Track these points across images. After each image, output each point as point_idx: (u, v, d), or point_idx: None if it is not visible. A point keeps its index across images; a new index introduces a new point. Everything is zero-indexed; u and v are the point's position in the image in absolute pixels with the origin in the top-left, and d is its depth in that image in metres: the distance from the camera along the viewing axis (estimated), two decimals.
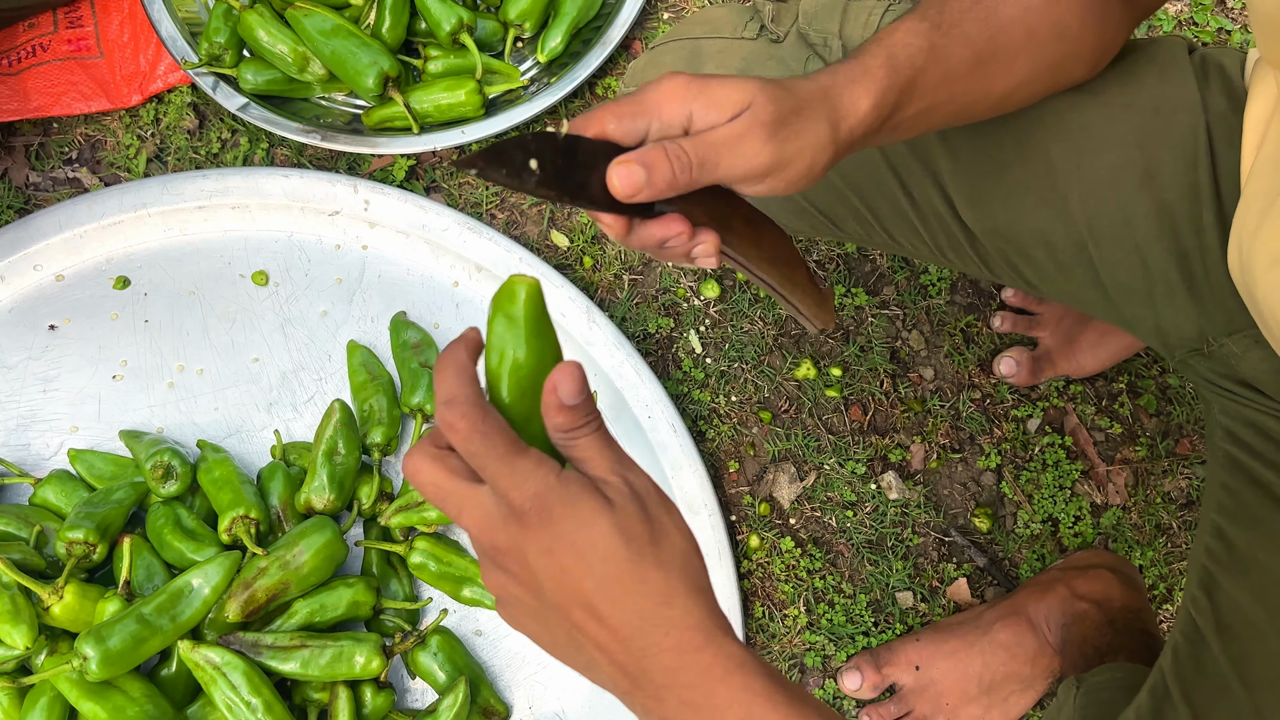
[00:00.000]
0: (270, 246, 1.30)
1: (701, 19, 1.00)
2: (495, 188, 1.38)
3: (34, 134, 1.37)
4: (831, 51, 0.91)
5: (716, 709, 0.51)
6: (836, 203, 0.93)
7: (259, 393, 1.26)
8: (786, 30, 0.95)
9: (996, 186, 0.84)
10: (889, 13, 0.94)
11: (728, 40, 0.97)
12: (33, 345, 1.26)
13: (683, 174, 0.60)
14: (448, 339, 1.28)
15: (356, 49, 1.27)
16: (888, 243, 0.95)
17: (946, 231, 0.89)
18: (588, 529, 0.50)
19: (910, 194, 0.88)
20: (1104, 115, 0.81)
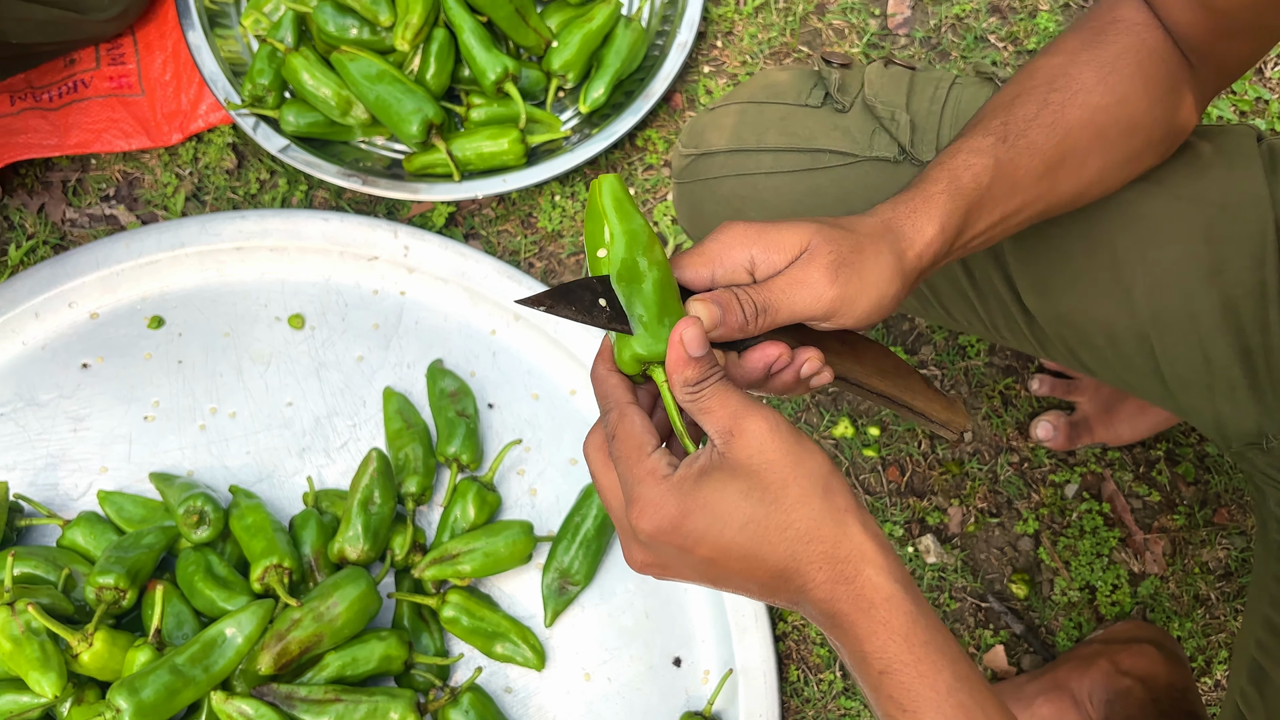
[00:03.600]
0: (307, 290, 1.29)
1: (763, 82, 1.00)
2: (534, 235, 1.37)
3: (72, 170, 1.36)
4: (899, 127, 0.91)
5: (859, 639, 0.56)
6: None
7: (292, 438, 1.24)
8: (852, 100, 0.95)
9: (1061, 273, 0.83)
10: (955, 85, 0.94)
11: (790, 107, 0.97)
12: (64, 383, 1.24)
13: (751, 318, 0.61)
14: (484, 387, 1.27)
15: (401, 95, 1.27)
16: (944, 318, 0.95)
17: (1005, 313, 0.88)
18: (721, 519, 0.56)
19: (972, 274, 0.88)
20: (1171, 208, 0.80)
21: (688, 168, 1.02)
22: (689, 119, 1.04)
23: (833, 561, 0.56)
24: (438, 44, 1.30)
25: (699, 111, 1.05)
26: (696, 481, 0.56)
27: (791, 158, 0.95)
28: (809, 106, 0.96)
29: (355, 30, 1.30)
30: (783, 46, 1.46)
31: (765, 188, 0.96)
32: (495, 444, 1.25)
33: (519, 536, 1.17)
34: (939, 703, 0.55)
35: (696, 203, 1.02)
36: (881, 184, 0.92)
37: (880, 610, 0.55)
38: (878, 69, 0.97)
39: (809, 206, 0.94)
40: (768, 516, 0.56)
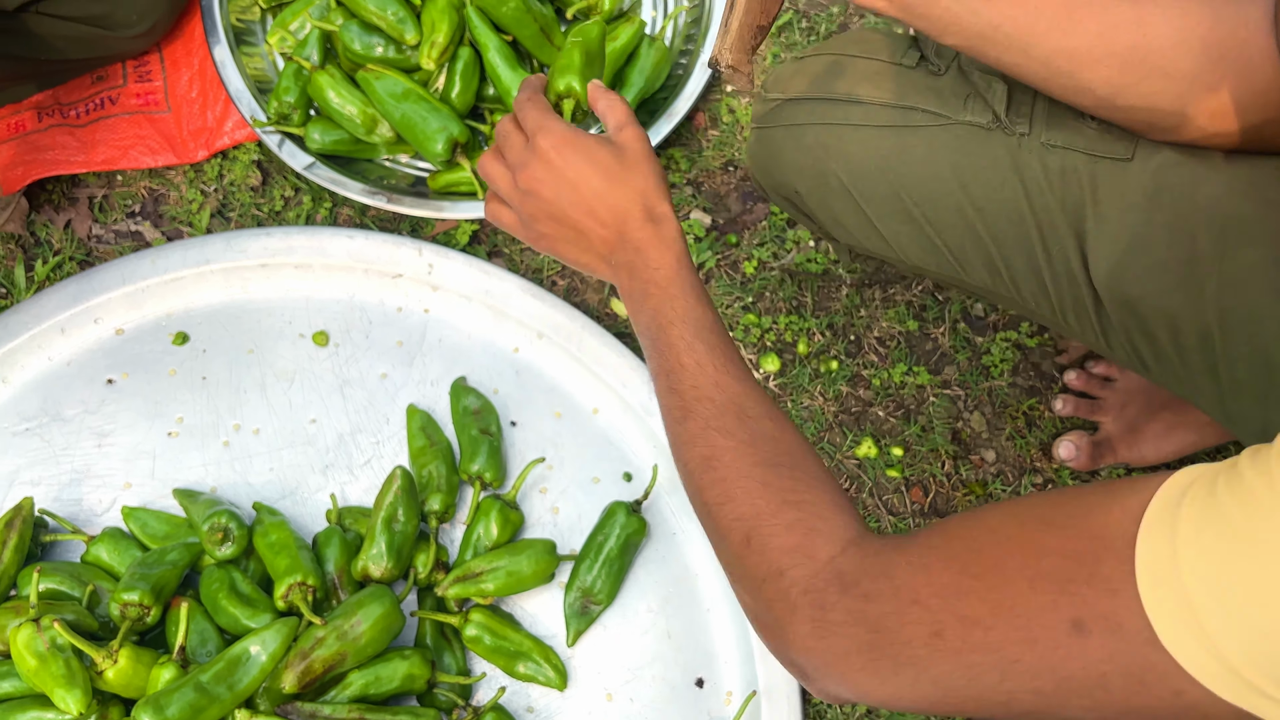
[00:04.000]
0: (331, 307, 1.30)
1: (856, 39, 0.99)
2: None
3: (98, 186, 1.37)
4: (995, 94, 0.91)
5: (649, 263, 0.83)
6: (972, 247, 0.92)
7: (315, 455, 1.24)
8: (948, 64, 0.95)
9: (1138, 260, 0.83)
10: None
11: (884, 63, 0.96)
12: (89, 399, 1.25)
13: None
14: (507, 405, 1.27)
15: (427, 114, 1.27)
16: (1011, 296, 0.94)
17: (1075, 295, 0.88)
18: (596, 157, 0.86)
19: (1049, 250, 0.88)
20: (1259, 211, 0.80)
21: (770, 113, 1.01)
22: (772, 70, 1.02)
23: (649, 213, 0.85)
24: (463, 62, 1.31)
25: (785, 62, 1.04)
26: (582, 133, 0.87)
27: (882, 112, 0.95)
28: (903, 65, 0.95)
29: (381, 49, 1.31)
30: None
31: (852, 140, 0.95)
32: (518, 462, 1.25)
33: (542, 555, 1.17)
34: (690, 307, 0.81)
35: (776, 149, 1.01)
36: (972, 150, 0.91)
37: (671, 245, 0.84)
38: None
39: (895, 166, 0.94)
40: (624, 171, 0.86)
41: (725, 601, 1.20)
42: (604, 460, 1.26)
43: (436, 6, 1.28)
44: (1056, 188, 0.88)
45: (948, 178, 0.92)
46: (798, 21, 1.48)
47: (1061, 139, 0.89)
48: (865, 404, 1.32)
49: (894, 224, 0.97)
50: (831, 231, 1.03)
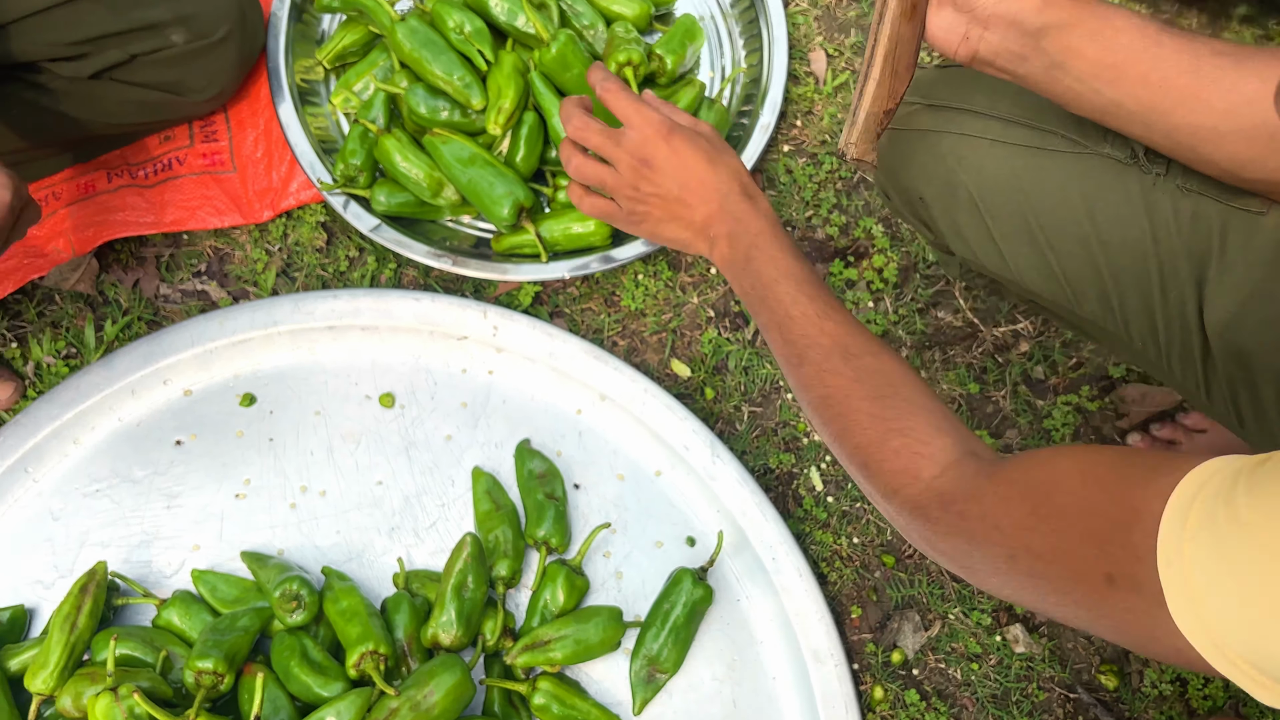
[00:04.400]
0: (397, 368, 1.31)
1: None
2: (617, 313, 1.38)
3: (165, 245, 1.39)
4: None
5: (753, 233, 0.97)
6: (1090, 279, 0.92)
7: (381, 517, 1.25)
8: None
9: (1256, 313, 0.83)
10: None
11: None
12: (158, 460, 1.26)
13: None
14: (570, 467, 1.27)
15: (493, 179, 1.28)
16: (1117, 333, 0.93)
17: (1185, 340, 0.88)
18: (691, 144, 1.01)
19: (1166, 292, 0.88)
20: None
21: (908, 115, 1.01)
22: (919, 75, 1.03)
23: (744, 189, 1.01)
24: (528, 127, 1.32)
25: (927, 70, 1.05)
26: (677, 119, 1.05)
27: (1020, 131, 0.95)
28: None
29: (446, 112, 1.32)
30: None
31: (987, 154, 0.96)
32: (581, 525, 1.25)
33: (609, 624, 1.17)
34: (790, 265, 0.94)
35: (909, 152, 1.01)
36: (1106, 183, 0.91)
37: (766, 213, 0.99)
38: None
39: (1026, 187, 0.94)
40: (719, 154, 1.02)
41: (790, 668, 1.20)
42: (667, 523, 1.26)
43: (503, 73, 1.30)
44: (1185, 231, 0.87)
45: (1077, 206, 0.92)
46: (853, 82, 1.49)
47: (1197, 184, 0.88)
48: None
49: (1016, 244, 0.97)
50: (949, 242, 1.02)
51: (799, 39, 1.51)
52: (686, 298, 1.39)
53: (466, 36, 1.31)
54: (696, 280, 1.40)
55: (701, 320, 1.38)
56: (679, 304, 1.39)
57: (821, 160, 1.45)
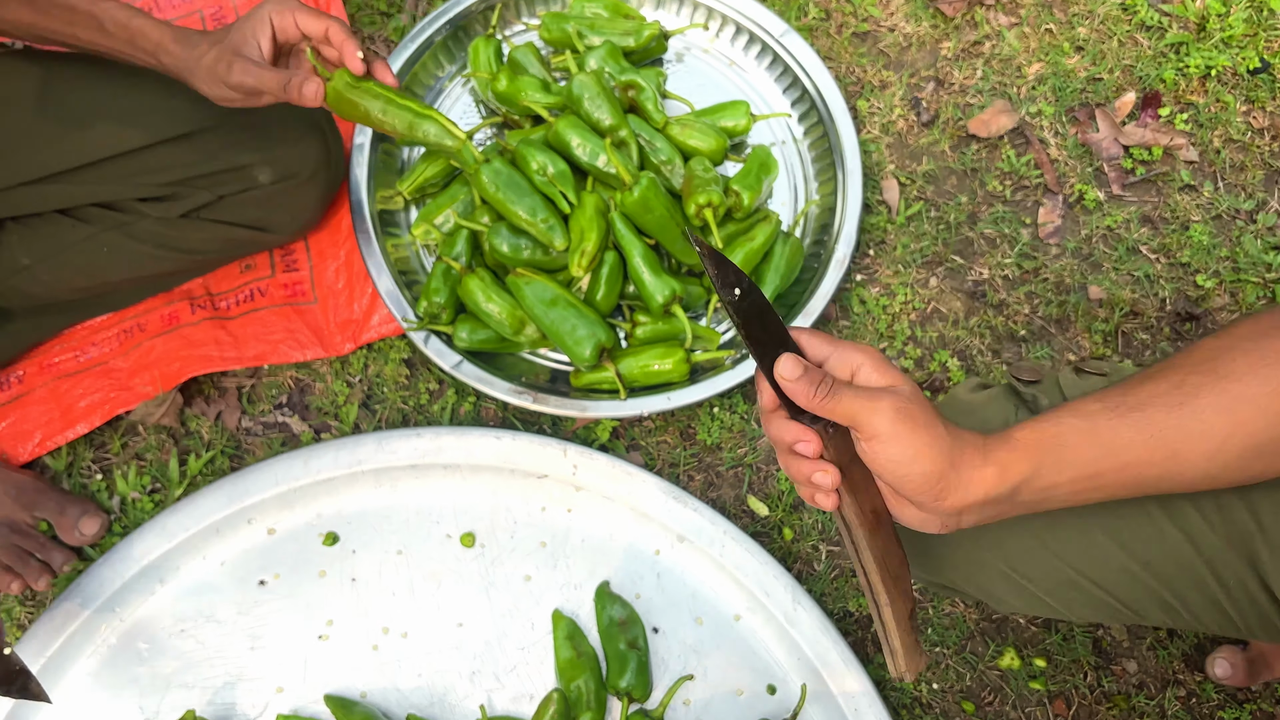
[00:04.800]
0: (478, 507, 1.32)
1: (961, 408, 1.01)
2: (693, 448, 1.39)
3: (246, 376, 1.41)
4: None
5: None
6: (1145, 597, 0.92)
7: (462, 660, 1.25)
8: None
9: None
10: None
11: None
12: (242, 600, 1.27)
13: (819, 387, 0.70)
14: (649, 610, 1.28)
15: (575, 320, 1.30)
16: (1191, 624, 0.94)
17: (1260, 613, 0.88)
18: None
19: (1225, 584, 0.87)
20: None
21: None
22: None
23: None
24: (608, 267, 1.33)
25: None
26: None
27: None
28: None
29: (528, 251, 1.34)
30: (935, 255, 1.48)
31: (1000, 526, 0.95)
32: (660, 669, 1.26)
33: None
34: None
35: (925, 547, 1.01)
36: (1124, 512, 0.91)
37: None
38: (1071, 380, 0.98)
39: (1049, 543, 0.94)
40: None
41: None
42: (747, 670, 1.26)
43: (585, 215, 1.31)
44: (1218, 527, 0.87)
45: (1106, 543, 0.93)
46: (927, 212, 1.50)
47: None
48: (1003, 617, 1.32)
49: (1062, 594, 0.98)
50: (993, 606, 1.04)
51: (871, 167, 1.52)
52: (761, 432, 1.39)
53: (550, 179, 1.33)
54: None
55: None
56: (754, 438, 1.39)
57: (895, 291, 1.46)
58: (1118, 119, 1.54)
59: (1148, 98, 1.55)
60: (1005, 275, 1.47)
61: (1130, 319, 1.44)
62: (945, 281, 1.47)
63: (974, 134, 1.54)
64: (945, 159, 1.53)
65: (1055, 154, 1.53)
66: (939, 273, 1.48)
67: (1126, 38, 1.58)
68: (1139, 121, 1.54)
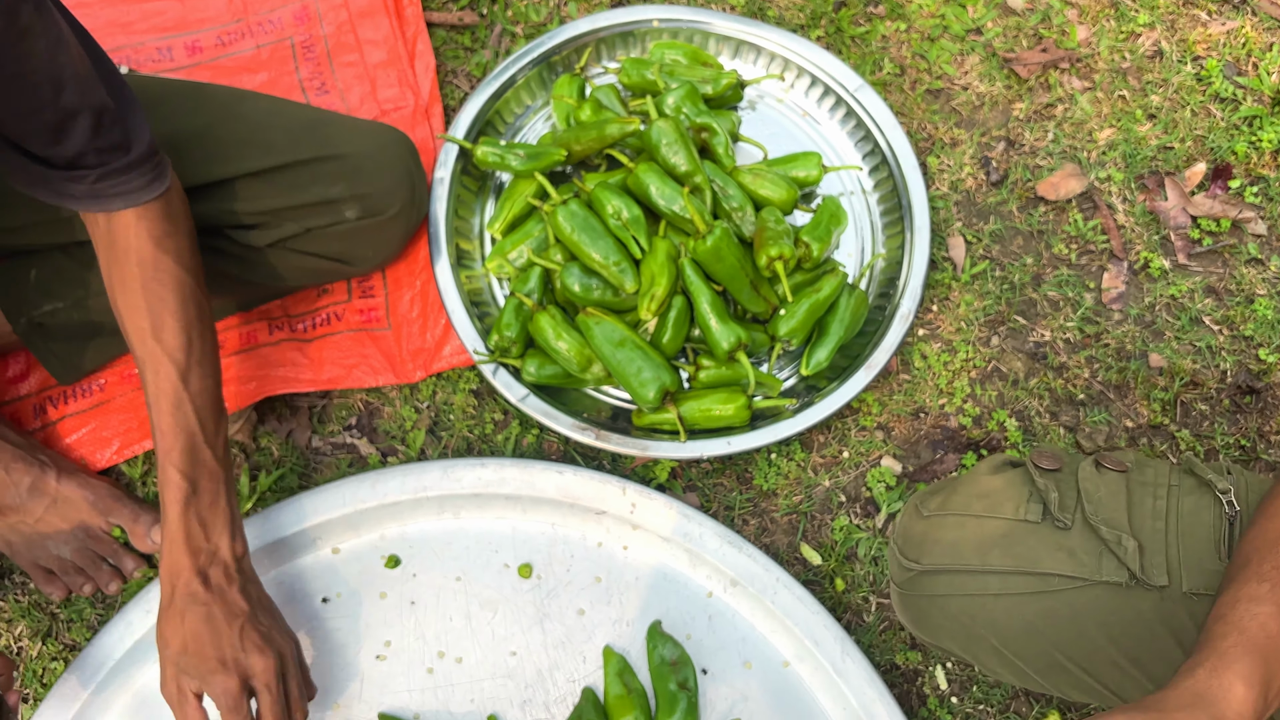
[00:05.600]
0: (536, 539, 1.35)
1: (978, 491, 1.03)
2: (749, 492, 1.41)
3: (318, 397, 1.45)
4: (1126, 553, 0.93)
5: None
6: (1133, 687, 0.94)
7: (514, 688, 1.28)
8: (1072, 516, 0.98)
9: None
10: (1172, 492, 0.96)
11: (1010, 522, 1.00)
12: (304, 616, 1.31)
13: None
14: (699, 652, 1.30)
15: (641, 363, 1.33)
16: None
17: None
18: None
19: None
20: None
21: (910, 580, 1.05)
22: (902, 523, 1.08)
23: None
24: (676, 311, 1.36)
25: (910, 515, 1.08)
26: None
27: (1019, 580, 0.98)
28: (1029, 522, 0.99)
29: (598, 291, 1.37)
30: (997, 315, 1.50)
31: (995, 609, 0.99)
32: (707, 712, 1.28)
33: None
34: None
35: (923, 613, 1.06)
36: (1115, 608, 0.94)
37: None
38: (1090, 475, 1.00)
39: (1042, 630, 0.97)
40: None
41: None
42: (794, 716, 1.28)
43: (657, 261, 1.34)
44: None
45: (1096, 635, 0.95)
46: (992, 271, 1.52)
47: (1203, 584, 0.91)
48: None
49: (1051, 676, 1.01)
50: (989, 675, 1.06)
51: (938, 223, 1.54)
52: (818, 480, 1.41)
53: (624, 223, 1.36)
54: (829, 463, 1.42)
55: (833, 505, 1.40)
56: (811, 485, 1.41)
57: (956, 348, 1.47)
58: (1187, 189, 1.55)
59: (1218, 169, 1.56)
60: (1067, 338, 1.49)
61: (1190, 389, 1.45)
62: (1007, 341, 1.49)
63: (1042, 196, 1.55)
64: (1012, 219, 1.55)
65: (1122, 220, 1.54)
66: (1001, 332, 1.49)
67: (1200, 108, 1.60)
68: (1208, 192, 1.55)
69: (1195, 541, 0.96)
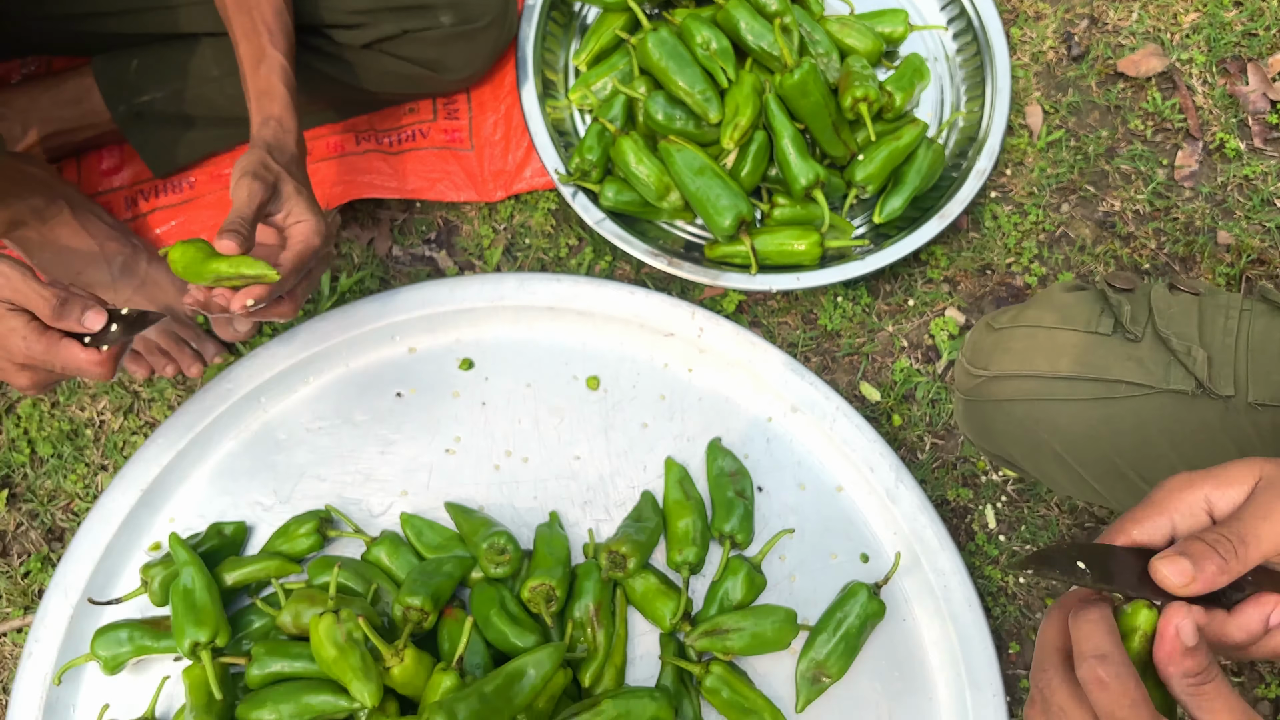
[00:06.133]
0: (605, 355, 1.38)
1: (1050, 305, 1.05)
2: (813, 331, 1.44)
3: (399, 210, 1.49)
4: (1195, 362, 0.95)
5: None
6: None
7: (576, 489, 1.33)
8: (1143, 329, 0.99)
9: None
10: (1244, 314, 0.98)
11: (1080, 334, 1.01)
12: (379, 408, 1.35)
13: (1229, 557, 0.59)
14: (756, 471, 1.33)
15: (720, 190, 1.35)
16: None
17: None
18: None
19: None
20: None
21: (977, 388, 1.07)
22: (971, 338, 1.10)
23: None
24: (756, 145, 1.39)
25: (980, 330, 1.10)
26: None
27: (1086, 386, 0.99)
28: (1099, 334, 1.01)
29: (681, 121, 1.39)
30: (1069, 183, 1.51)
31: (1060, 413, 1.01)
32: (760, 525, 1.31)
33: (784, 624, 1.23)
34: None
35: (986, 421, 1.07)
36: (1180, 417, 0.96)
37: None
38: (1163, 294, 1.01)
39: (1105, 435, 0.99)
40: None
41: (948, 692, 1.25)
42: (843, 538, 1.32)
43: (742, 92, 1.37)
44: (1270, 443, 0.90)
45: (1159, 443, 0.96)
46: (1067, 140, 1.53)
47: (1269, 395, 0.92)
48: (1098, 521, 1.36)
49: (1110, 483, 1.02)
50: (1047, 485, 1.08)
51: (1017, 92, 1.56)
52: (882, 325, 1.44)
53: (711, 53, 1.38)
54: (893, 310, 1.45)
55: (895, 349, 1.43)
56: (874, 330, 1.44)
57: (1027, 211, 1.50)
58: (1269, 74, 1.56)
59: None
60: (1136, 210, 1.50)
61: (1256, 265, 1.46)
62: (1076, 209, 1.51)
63: (1122, 72, 1.56)
64: (1090, 93, 1.56)
65: (1201, 101, 1.55)
66: (1071, 200, 1.51)
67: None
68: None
69: (1265, 357, 0.98)
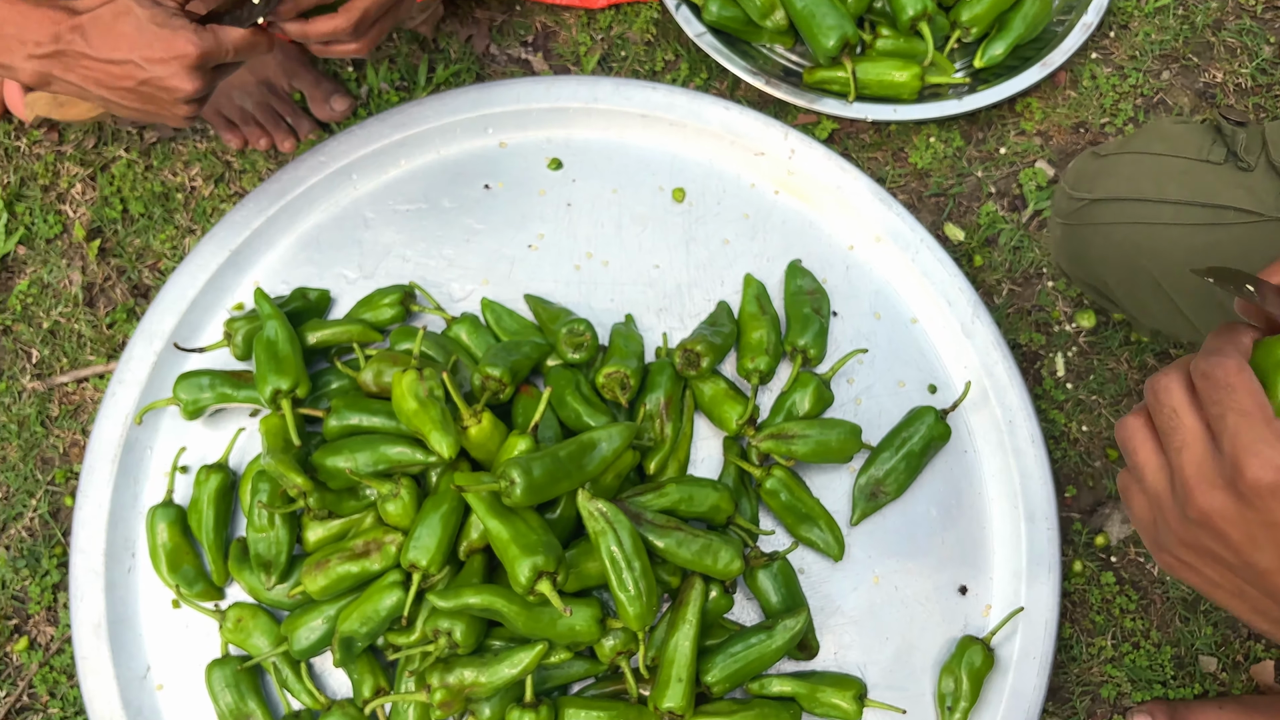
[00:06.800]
0: (693, 168, 1.39)
1: (1159, 134, 1.03)
2: (903, 168, 1.44)
3: (499, 10, 1.48)
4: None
5: None
6: None
7: (654, 296, 1.34)
8: (1256, 159, 0.98)
9: None
10: None
11: (1190, 161, 1.00)
12: (466, 198, 1.37)
13: None
14: (833, 296, 1.34)
15: (827, 10, 1.35)
16: None
17: None
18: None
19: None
20: None
21: (1077, 211, 1.06)
22: (1075, 166, 1.08)
23: None
24: None
25: (1085, 158, 1.09)
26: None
27: (1193, 211, 0.99)
28: (1210, 163, 0.99)
29: None
30: (1173, 50, 1.49)
31: (1163, 238, 1.00)
32: (832, 346, 1.32)
33: (849, 436, 1.24)
34: None
35: (1083, 245, 1.06)
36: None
37: None
38: (1278, 128, 1.00)
39: (1208, 261, 0.98)
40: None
41: (1004, 522, 1.26)
42: (913, 367, 1.33)
43: None
44: None
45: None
46: (1174, 8, 1.51)
47: None
48: None
49: (1206, 314, 1.01)
50: (1137, 317, 1.07)
51: None
52: (972, 169, 1.44)
53: None
54: (984, 156, 1.45)
55: (982, 194, 1.43)
56: (964, 173, 1.44)
57: (1127, 74, 1.48)
58: None
59: None
60: (1238, 83, 1.48)
61: None
62: (1177, 77, 1.49)
63: None
64: None
65: None
66: (1173, 68, 1.49)
67: None
68: None
69: None
